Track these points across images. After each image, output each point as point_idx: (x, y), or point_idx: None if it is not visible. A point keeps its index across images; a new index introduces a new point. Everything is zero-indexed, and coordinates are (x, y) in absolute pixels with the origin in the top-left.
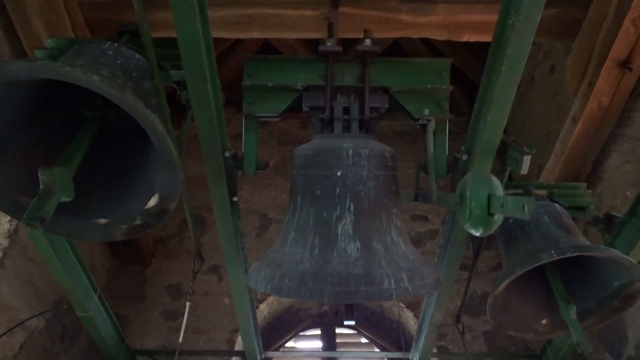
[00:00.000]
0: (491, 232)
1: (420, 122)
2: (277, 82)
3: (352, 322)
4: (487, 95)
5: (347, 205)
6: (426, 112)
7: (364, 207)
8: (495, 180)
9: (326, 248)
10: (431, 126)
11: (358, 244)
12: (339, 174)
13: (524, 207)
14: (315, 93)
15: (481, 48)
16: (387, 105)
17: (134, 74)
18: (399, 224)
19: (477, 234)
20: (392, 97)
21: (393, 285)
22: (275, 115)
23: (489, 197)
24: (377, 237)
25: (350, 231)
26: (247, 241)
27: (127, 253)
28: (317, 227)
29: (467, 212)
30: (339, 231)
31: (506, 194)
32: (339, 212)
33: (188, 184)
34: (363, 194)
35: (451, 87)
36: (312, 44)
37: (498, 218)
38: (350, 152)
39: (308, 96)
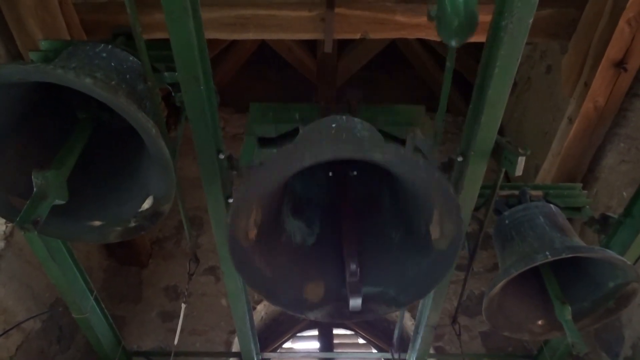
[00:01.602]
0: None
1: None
2: (277, 114)
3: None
4: (481, 97)
5: (342, 138)
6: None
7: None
8: None
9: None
10: (418, 134)
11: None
12: (333, 125)
13: None
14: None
15: (477, 47)
16: None
17: (127, 76)
18: None
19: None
20: (381, 130)
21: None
22: (273, 136)
23: None
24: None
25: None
26: None
27: (124, 254)
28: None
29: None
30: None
31: (501, 195)
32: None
33: (185, 185)
34: (359, 134)
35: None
36: (309, 44)
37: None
38: (344, 117)
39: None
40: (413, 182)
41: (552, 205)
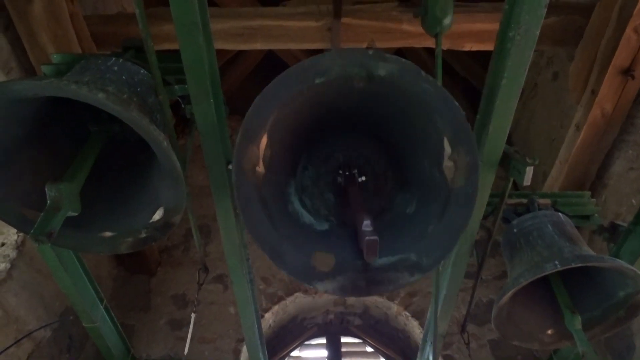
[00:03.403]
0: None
1: None
2: None
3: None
4: (488, 107)
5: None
6: None
7: None
8: None
9: None
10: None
11: None
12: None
13: None
14: None
15: (484, 55)
16: None
17: (139, 89)
18: None
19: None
20: None
21: None
22: None
23: None
24: None
25: None
26: (252, 249)
27: (133, 262)
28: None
29: None
30: None
31: (510, 204)
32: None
33: (193, 193)
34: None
35: None
36: (315, 53)
37: None
38: None
39: None
40: (416, 104)
41: (560, 214)
